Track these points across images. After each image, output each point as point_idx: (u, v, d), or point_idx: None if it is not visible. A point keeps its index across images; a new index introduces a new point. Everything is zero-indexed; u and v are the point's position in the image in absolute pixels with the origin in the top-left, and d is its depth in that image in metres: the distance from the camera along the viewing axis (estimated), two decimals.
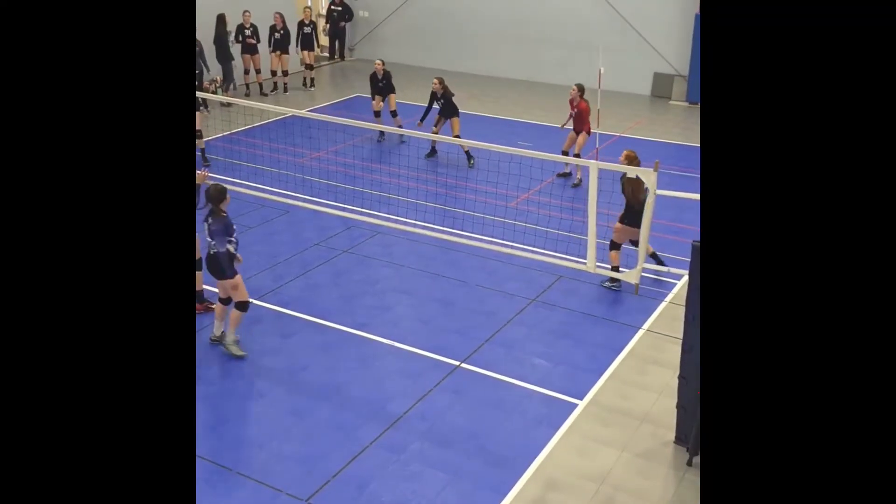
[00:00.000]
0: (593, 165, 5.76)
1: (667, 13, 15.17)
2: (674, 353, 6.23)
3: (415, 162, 11.51)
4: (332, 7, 17.82)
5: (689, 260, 5.27)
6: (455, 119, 11.63)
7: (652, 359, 6.74)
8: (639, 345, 6.97)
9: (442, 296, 7.86)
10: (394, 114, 12.60)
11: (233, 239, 6.42)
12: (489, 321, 7.31)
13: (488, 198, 10.03)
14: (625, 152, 7.32)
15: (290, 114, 10.45)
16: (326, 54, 18.43)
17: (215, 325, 6.89)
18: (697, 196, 5.60)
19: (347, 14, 17.90)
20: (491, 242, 8.03)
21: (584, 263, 6.45)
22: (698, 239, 5.38)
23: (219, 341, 6.80)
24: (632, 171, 5.44)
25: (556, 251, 7.84)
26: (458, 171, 11.27)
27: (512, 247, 7.91)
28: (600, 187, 6.17)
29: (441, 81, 11.64)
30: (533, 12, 16.40)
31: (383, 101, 12.68)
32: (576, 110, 10.65)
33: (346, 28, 18.21)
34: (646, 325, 7.25)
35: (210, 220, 6.43)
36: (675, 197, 5.65)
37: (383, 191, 10.44)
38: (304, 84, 15.97)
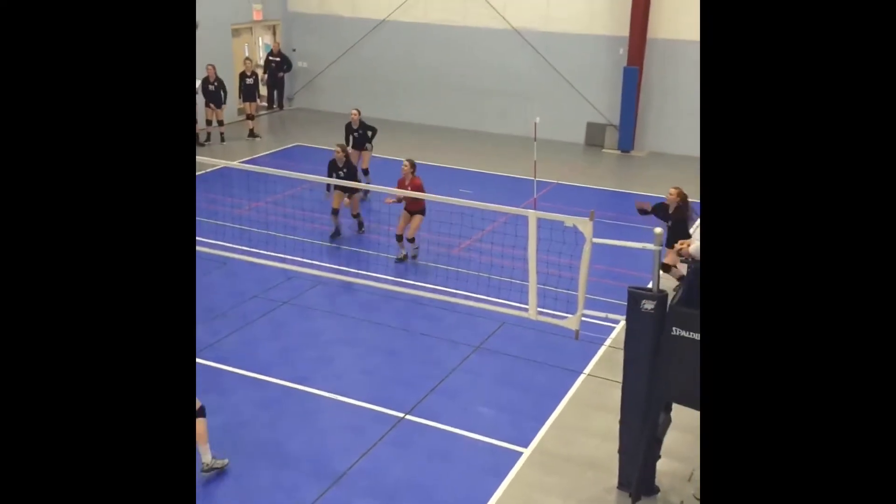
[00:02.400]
0: (531, 215, 5.88)
1: (598, 65, 15.82)
2: (615, 397, 6.32)
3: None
4: (271, 58, 17.91)
5: (625, 304, 5.41)
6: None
7: (594, 403, 6.82)
8: (581, 389, 7.05)
9: (386, 346, 7.80)
10: (365, 171, 11.84)
11: None
12: (434, 370, 7.29)
13: (430, 245, 10.10)
14: (674, 190, 8.67)
15: (222, 165, 10.33)
16: (265, 104, 18.44)
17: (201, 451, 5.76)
18: (631, 244, 5.78)
19: (286, 65, 18.01)
20: (434, 291, 8.05)
21: (526, 310, 6.53)
22: (634, 284, 5.53)
23: None
24: (569, 221, 5.61)
25: (498, 297, 7.92)
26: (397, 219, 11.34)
27: (455, 294, 7.95)
28: (539, 235, 6.30)
29: (343, 149, 10.41)
30: (470, 64, 16.86)
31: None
32: (409, 188, 9.13)
33: (285, 78, 18.30)
34: (587, 370, 7.36)
35: None
36: (612, 245, 5.82)
37: (324, 240, 10.39)
38: (251, 134, 15.80)
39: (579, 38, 15.82)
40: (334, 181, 8.85)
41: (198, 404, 5.60)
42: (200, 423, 5.66)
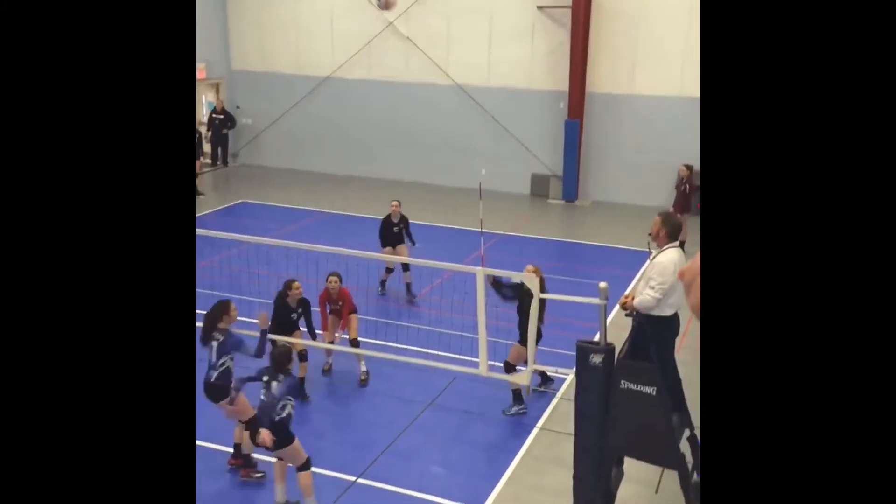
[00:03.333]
0: (479, 272, 5.94)
1: (539, 119, 16.28)
2: (568, 450, 6.31)
3: (304, 268, 11.40)
4: (214, 115, 17.86)
5: (574, 356, 5.45)
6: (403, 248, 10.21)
7: (548, 458, 6.79)
8: (534, 444, 7.02)
9: (335, 407, 7.65)
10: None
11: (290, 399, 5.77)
12: (385, 431, 7.16)
13: (381, 301, 10.03)
14: (531, 267, 6.60)
15: None
16: (209, 161, 18.30)
17: (277, 491, 5.99)
18: (578, 299, 5.86)
19: (229, 122, 17.98)
20: (384, 349, 7.98)
21: (477, 366, 6.53)
22: (581, 337, 5.59)
23: None
24: (517, 277, 5.67)
25: (449, 351, 7.89)
26: (347, 276, 11.28)
27: (406, 352, 7.88)
28: (487, 290, 6.35)
29: (399, 205, 10.36)
30: (415, 119, 17.14)
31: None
32: (340, 302, 8.26)
33: (229, 135, 18.24)
34: (539, 424, 7.34)
35: (277, 381, 5.73)
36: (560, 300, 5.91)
37: (270, 299, 10.21)
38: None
39: (520, 93, 16.28)
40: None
41: (304, 457, 5.74)
42: (306, 476, 5.76)
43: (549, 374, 7.82)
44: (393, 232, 10.31)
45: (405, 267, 10.17)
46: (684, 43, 14.48)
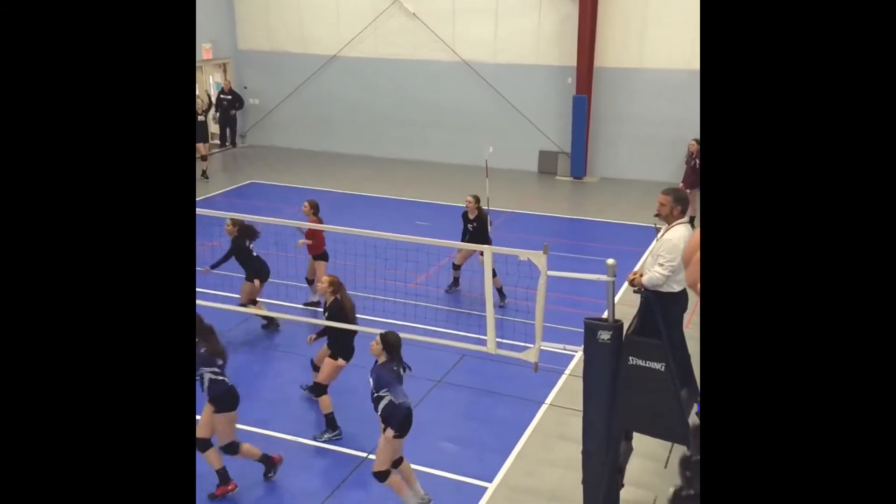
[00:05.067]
0: (487, 249, 5.94)
1: (547, 95, 16.15)
2: (577, 426, 6.35)
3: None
4: (222, 96, 17.83)
5: (582, 333, 5.46)
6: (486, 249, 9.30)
7: (557, 434, 6.84)
8: (543, 420, 7.07)
9: (344, 385, 7.71)
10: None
11: None
12: None
13: (388, 280, 10.07)
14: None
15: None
16: (217, 142, 18.31)
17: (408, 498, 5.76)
18: (585, 276, 5.86)
19: (237, 102, 17.95)
20: (393, 327, 8.00)
21: (485, 344, 6.56)
22: (590, 312, 5.60)
23: None
24: (523, 255, 5.67)
25: (457, 329, 7.93)
26: (357, 257, 11.31)
27: (414, 329, 7.92)
28: (494, 268, 6.37)
29: (477, 201, 9.47)
30: (422, 97, 17.04)
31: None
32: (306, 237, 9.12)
33: (237, 116, 18.22)
34: (548, 400, 7.39)
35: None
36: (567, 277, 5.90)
37: (281, 278, 10.27)
38: (203, 175, 15.61)
39: (528, 69, 16.15)
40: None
41: (398, 454, 5.67)
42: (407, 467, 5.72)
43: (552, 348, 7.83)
44: (469, 229, 9.68)
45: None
46: (694, 15, 14.28)
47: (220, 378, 5.79)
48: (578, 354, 8.06)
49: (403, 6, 16.65)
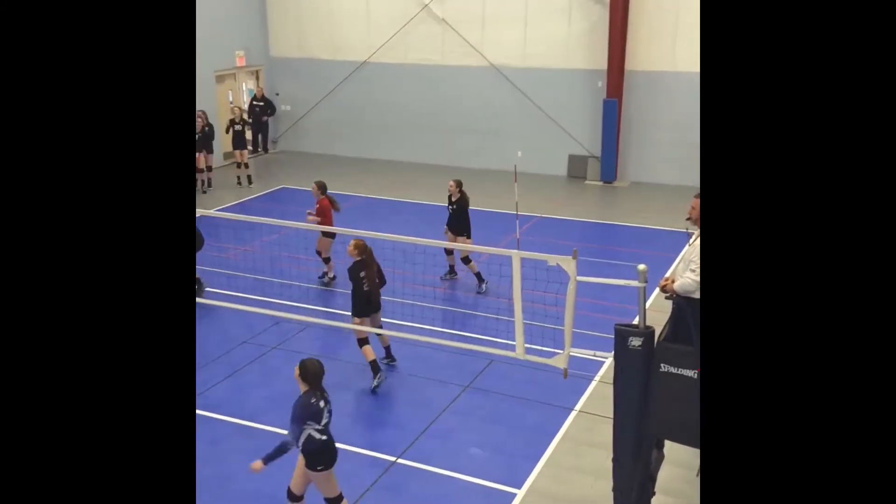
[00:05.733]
0: (515, 255, 5.93)
1: (577, 99, 16.06)
2: (607, 433, 6.30)
3: (341, 250, 11.54)
4: (255, 103, 18.08)
5: (612, 339, 5.42)
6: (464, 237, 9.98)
7: (587, 441, 6.79)
8: (572, 427, 7.02)
9: (369, 385, 7.75)
10: (465, 260, 10.10)
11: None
12: (424, 412, 7.24)
13: (417, 285, 10.11)
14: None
15: (199, 214, 10.36)
16: (250, 147, 18.55)
17: None
18: (615, 281, 5.82)
19: (270, 109, 18.19)
20: (421, 332, 8.05)
21: (514, 350, 6.55)
22: (620, 317, 5.56)
23: None
24: (552, 260, 5.64)
25: (485, 335, 7.92)
26: (384, 261, 11.38)
27: (442, 335, 7.94)
28: (523, 273, 6.34)
29: (458, 185, 10.12)
30: (452, 102, 17.09)
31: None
32: (318, 208, 9.76)
33: (269, 122, 18.46)
34: (578, 406, 7.34)
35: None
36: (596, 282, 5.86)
37: (312, 283, 10.38)
38: (248, 181, 15.68)
39: (557, 73, 16.09)
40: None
41: (336, 491, 5.38)
42: None
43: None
44: (448, 211, 10.42)
45: (465, 260, 10.14)
46: None
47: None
48: (608, 361, 8.00)
49: (433, 12, 16.72)
